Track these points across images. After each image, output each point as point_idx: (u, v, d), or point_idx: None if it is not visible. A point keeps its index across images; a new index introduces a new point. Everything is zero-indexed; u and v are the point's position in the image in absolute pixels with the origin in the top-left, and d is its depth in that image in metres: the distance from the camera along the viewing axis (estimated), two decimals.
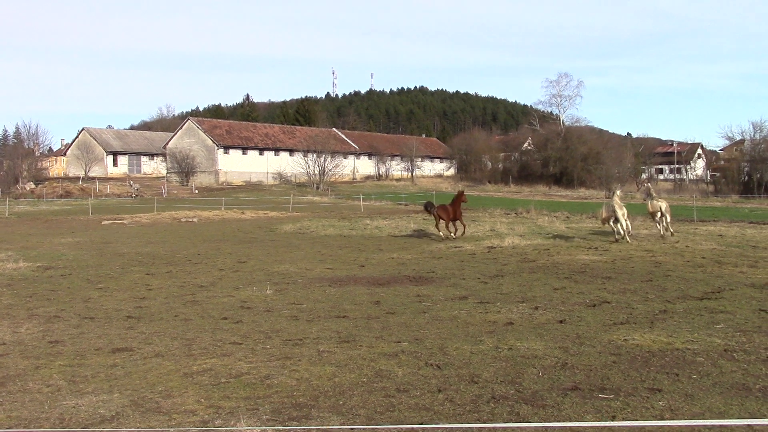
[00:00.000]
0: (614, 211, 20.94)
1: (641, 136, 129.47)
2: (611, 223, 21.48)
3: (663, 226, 22.48)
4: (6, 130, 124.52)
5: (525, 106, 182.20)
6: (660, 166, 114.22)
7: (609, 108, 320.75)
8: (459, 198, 24.67)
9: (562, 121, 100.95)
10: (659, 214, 22.27)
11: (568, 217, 33.88)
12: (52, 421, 5.87)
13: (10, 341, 8.98)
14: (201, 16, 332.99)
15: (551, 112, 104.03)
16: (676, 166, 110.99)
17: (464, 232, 23.99)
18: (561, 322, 9.63)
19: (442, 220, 23.74)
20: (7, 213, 44.60)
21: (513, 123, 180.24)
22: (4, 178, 73.14)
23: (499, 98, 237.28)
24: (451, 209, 24.20)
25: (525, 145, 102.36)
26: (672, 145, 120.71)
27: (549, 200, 59.00)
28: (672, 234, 22.52)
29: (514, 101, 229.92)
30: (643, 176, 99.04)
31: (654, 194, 23.40)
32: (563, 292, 12.33)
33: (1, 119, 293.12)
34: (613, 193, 23.29)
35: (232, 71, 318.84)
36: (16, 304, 11.83)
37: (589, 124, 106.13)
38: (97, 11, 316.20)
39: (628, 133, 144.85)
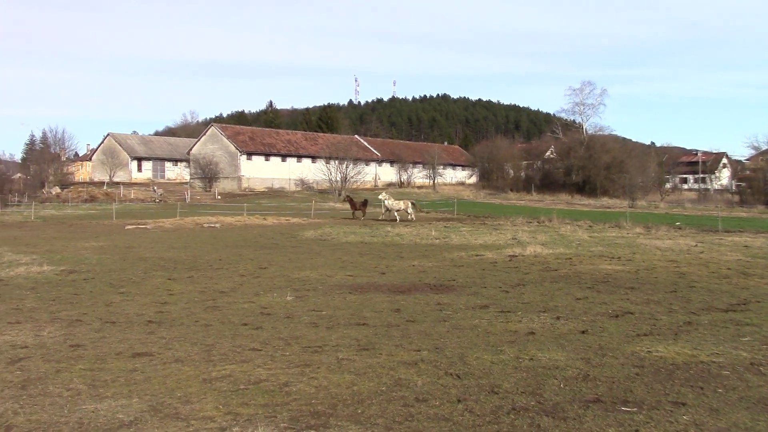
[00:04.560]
0: None
1: (665, 145, 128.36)
2: None
3: None
4: (33, 135, 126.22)
5: (548, 114, 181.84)
6: (684, 176, 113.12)
7: (633, 117, 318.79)
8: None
9: (585, 129, 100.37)
10: None
11: (590, 226, 33.62)
12: (71, 425, 5.88)
13: (32, 344, 9.04)
14: (226, 24, 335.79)
15: (574, 120, 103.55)
16: (701, 175, 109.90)
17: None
18: (583, 332, 9.52)
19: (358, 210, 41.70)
20: (32, 217, 45.12)
21: (535, 131, 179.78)
22: (30, 183, 74.07)
23: (521, 106, 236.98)
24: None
25: (547, 153, 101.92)
26: (696, 154, 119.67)
27: (571, 209, 58.61)
28: None
29: (536, 109, 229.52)
30: (667, 185, 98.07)
31: None
32: (585, 302, 12.20)
33: (29, 124, 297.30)
34: None
35: (256, 78, 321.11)
36: (39, 308, 11.92)
37: (612, 133, 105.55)
38: (124, 20, 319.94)
39: (652, 142, 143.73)
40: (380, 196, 41.03)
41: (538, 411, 6.17)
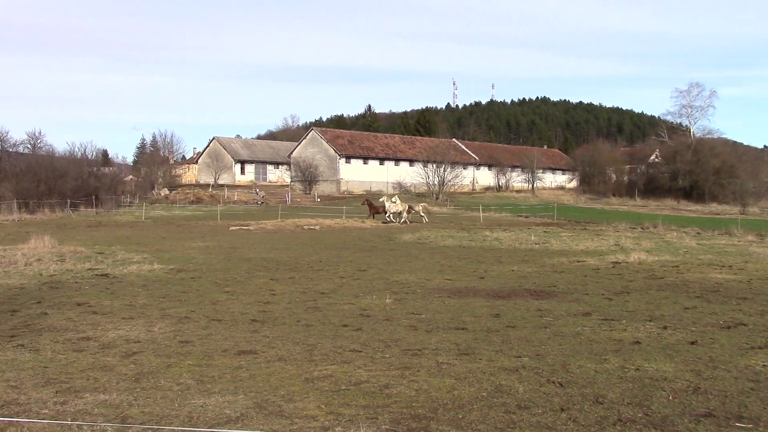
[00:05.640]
0: None
1: None
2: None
3: None
4: (144, 139, 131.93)
5: (652, 117, 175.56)
6: None
7: (744, 119, 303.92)
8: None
9: (693, 132, 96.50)
10: None
11: (698, 233, 32.29)
12: (182, 419, 6.11)
13: (144, 339, 9.45)
14: (327, 30, 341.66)
15: (681, 123, 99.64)
16: None
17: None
18: (692, 343, 9.16)
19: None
20: (143, 217, 47.20)
21: (639, 134, 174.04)
22: (141, 184, 77.35)
23: (624, 109, 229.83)
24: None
25: (652, 157, 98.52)
26: None
27: (678, 215, 56.54)
28: None
29: (640, 112, 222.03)
30: None
31: None
32: (694, 311, 11.73)
33: (140, 129, 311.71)
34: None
35: (355, 83, 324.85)
36: (151, 304, 12.45)
37: (722, 136, 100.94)
38: (229, 27, 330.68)
39: (765, 146, 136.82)
40: (381, 199, 44.05)
41: (646, 423, 5.97)
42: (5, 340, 9.36)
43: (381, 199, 43.94)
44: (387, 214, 42.24)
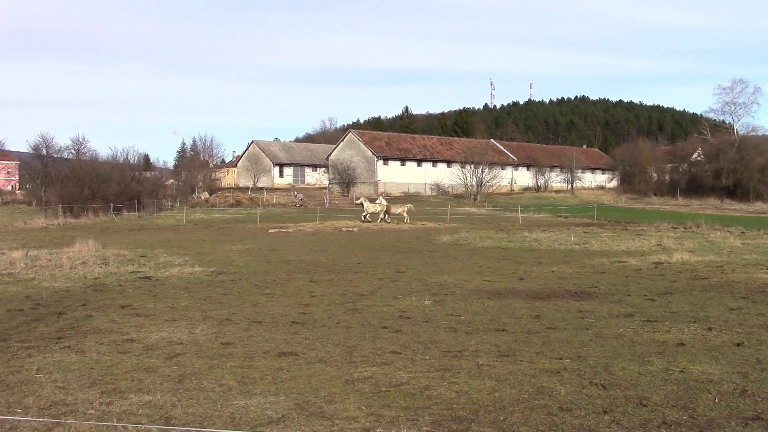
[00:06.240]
0: None
1: None
2: None
3: None
4: (184, 143, 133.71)
5: (694, 114, 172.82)
6: None
7: None
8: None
9: (736, 130, 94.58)
10: None
11: (743, 233, 31.62)
12: (224, 420, 6.18)
13: (187, 341, 9.58)
14: (363, 32, 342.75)
15: (723, 120, 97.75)
16: None
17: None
18: (738, 345, 8.98)
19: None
20: (184, 220, 47.84)
21: (681, 133, 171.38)
22: (182, 188, 78.25)
23: (665, 107, 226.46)
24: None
25: (694, 155, 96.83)
26: None
27: (721, 214, 55.46)
28: None
29: (682, 110, 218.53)
30: None
31: None
32: (740, 312, 11.50)
33: (180, 133, 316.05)
34: None
35: (392, 84, 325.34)
36: (192, 306, 12.61)
37: (766, 134, 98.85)
38: (267, 32, 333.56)
39: None
40: (359, 200, 45.58)
41: (691, 426, 5.88)
42: (52, 341, 9.56)
43: (359, 200, 45.46)
44: (364, 214, 43.28)
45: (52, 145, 68.92)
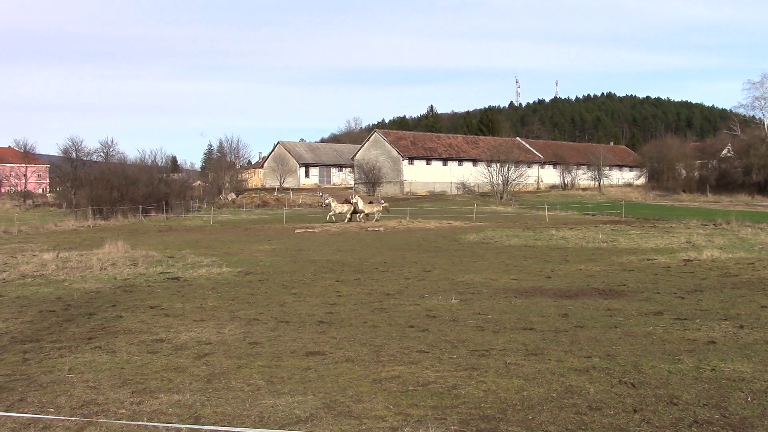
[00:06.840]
0: None
1: None
2: None
3: None
4: (211, 145, 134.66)
5: (723, 110, 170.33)
6: None
7: None
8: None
9: (767, 125, 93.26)
10: None
11: None
12: (253, 419, 6.21)
13: (215, 341, 9.65)
14: (386, 32, 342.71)
15: (754, 116, 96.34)
16: None
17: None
18: None
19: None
20: (211, 221, 48.23)
21: (709, 128, 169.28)
22: (209, 189, 78.96)
23: (693, 102, 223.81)
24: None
25: (724, 151, 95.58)
26: None
27: (752, 210, 54.69)
28: None
29: (710, 105, 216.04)
30: None
31: None
32: None
33: (207, 135, 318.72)
34: None
35: (417, 84, 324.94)
36: (220, 307, 12.71)
37: None
38: (292, 34, 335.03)
39: None
40: (327, 200, 46.95)
41: (724, 425, 5.80)
42: (83, 342, 9.69)
43: (327, 200, 46.74)
44: (329, 215, 44.21)
45: (81, 148, 69.98)
